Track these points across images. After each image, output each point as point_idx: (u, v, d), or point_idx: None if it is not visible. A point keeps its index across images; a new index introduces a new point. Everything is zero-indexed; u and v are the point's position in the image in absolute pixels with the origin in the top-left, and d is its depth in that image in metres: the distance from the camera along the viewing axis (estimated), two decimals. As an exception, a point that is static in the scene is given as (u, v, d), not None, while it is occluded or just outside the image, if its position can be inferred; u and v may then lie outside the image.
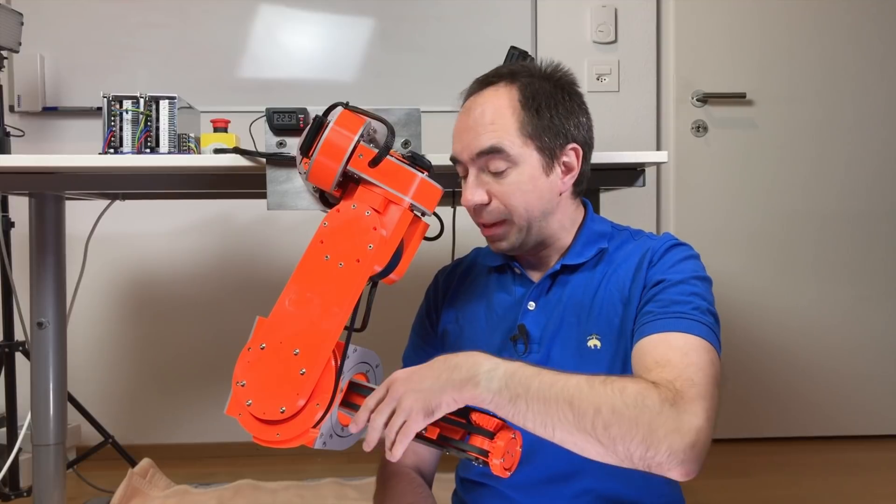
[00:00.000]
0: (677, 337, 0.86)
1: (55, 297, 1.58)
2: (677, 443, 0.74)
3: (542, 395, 0.77)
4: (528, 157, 0.98)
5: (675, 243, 1.01)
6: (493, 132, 0.97)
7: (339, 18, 2.42)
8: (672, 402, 0.76)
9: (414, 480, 1.06)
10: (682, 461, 0.74)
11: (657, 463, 0.74)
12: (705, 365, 0.83)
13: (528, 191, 0.98)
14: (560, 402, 0.76)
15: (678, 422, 0.75)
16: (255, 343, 0.79)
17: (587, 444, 0.76)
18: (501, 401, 0.77)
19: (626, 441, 0.74)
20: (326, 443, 0.80)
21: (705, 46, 2.49)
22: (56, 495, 1.59)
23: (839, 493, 2.05)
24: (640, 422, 0.74)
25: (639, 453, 0.74)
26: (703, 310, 0.90)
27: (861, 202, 2.54)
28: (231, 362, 0.77)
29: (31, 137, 2.23)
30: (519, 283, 1.06)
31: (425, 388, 0.78)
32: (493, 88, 1.00)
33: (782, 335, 2.53)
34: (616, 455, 0.75)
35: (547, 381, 0.78)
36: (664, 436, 0.74)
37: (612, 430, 0.74)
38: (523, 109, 0.98)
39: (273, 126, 1.24)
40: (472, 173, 0.99)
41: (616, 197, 1.76)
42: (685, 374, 0.81)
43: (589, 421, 0.75)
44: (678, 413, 0.76)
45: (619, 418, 0.75)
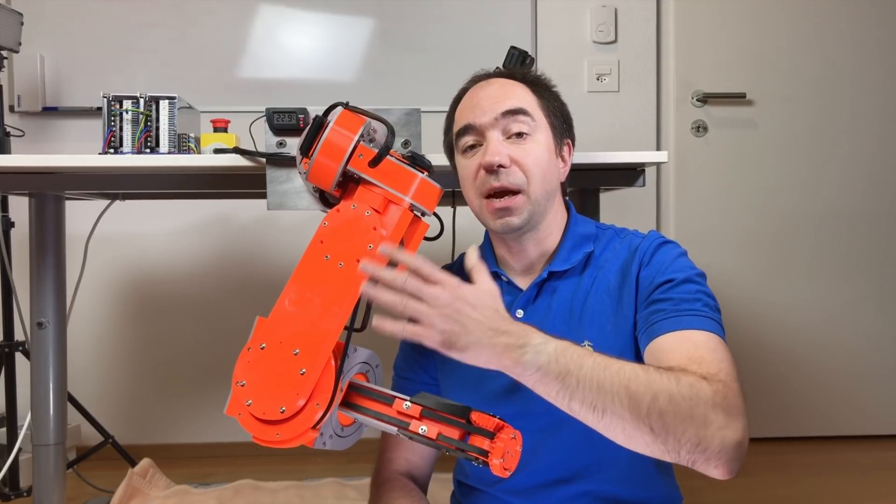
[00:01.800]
0: (698, 335, 0.86)
1: (55, 297, 1.58)
2: (729, 439, 0.73)
3: (595, 375, 0.74)
4: (545, 129, 1.02)
5: (664, 241, 1.01)
6: (517, 98, 1.01)
7: (339, 18, 2.42)
8: (723, 396, 0.76)
9: (406, 486, 1.06)
10: (730, 459, 0.74)
11: (706, 458, 0.73)
12: (732, 362, 0.84)
13: (545, 161, 1.00)
14: (616, 385, 0.73)
15: (729, 418, 0.75)
16: (254, 343, 0.79)
17: (637, 431, 0.73)
18: (549, 375, 0.74)
19: (679, 432, 0.72)
20: (326, 443, 0.80)
21: (705, 46, 2.49)
22: (56, 495, 1.59)
23: (839, 493, 2.05)
24: (696, 414, 0.73)
25: (689, 445, 0.73)
26: (713, 307, 0.91)
27: (861, 202, 2.54)
28: (231, 362, 0.77)
29: (31, 137, 2.23)
30: (506, 291, 1.05)
31: (467, 331, 0.75)
32: (500, 78, 1.05)
33: (782, 335, 2.53)
34: (665, 445, 0.73)
35: (601, 362, 0.75)
36: (717, 430, 0.73)
37: (667, 418, 0.72)
38: (535, 95, 1.04)
39: (273, 126, 1.24)
40: (493, 135, 0.99)
41: (616, 197, 1.76)
42: (722, 368, 0.81)
43: (645, 407, 0.73)
44: (729, 409, 0.75)
45: (676, 408, 0.73)
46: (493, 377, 1.00)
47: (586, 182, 1.48)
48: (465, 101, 1.05)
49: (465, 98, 1.05)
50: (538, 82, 1.06)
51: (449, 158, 1.11)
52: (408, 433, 0.78)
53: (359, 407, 0.81)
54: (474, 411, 0.78)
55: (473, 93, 1.04)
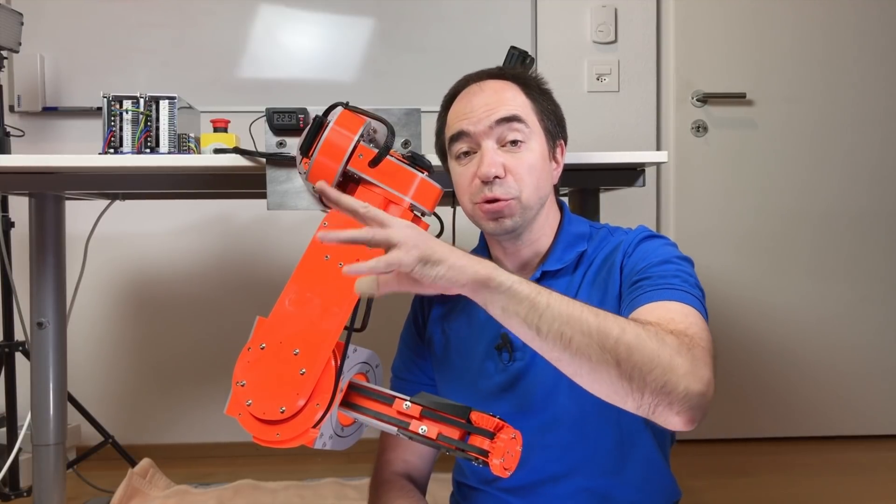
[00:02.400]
0: (673, 304, 0.86)
1: (55, 297, 1.58)
2: (694, 385, 0.73)
3: (564, 303, 0.73)
4: (539, 135, 1.01)
5: (650, 234, 1.01)
6: (511, 105, 0.99)
7: (339, 18, 2.42)
8: (689, 347, 0.76)
9: (405, 487, 1.07)
10: (692, 406, 0.73)
11: (669, 401, 0.72)
12: (705, 328, 0.83)
13: (537, 170, 0.99)
14: (585, 314, 0.73)
15: (694, 366, 0.74)
16: (255, 343, 0.79)
17: (603, 364, 0.72)
18: (517, 295, 0.72)
19: (646, 371, 0.71)
20: (326, 443, 0.80)
21: (705, 46, 2.49)
22: (56, 495, 1.59)
23: (839, 493, 2.05)
24: (662, 355, 0.72)
25: (654, 386, 0.71)
26: (692, 283, 0.90)
27: (861, 202, 2.54)
28: (231, 362, 0.77)
29: (31, 137, 2.23)
30: None
31: (439, 244, 0.73)
32: (492, 79, 1.04)
33: (782, 334, 2.53)
34: (630, 382, 0.72)
35: (567, 298, 0.75)
36: (682, 375, 0.72)
37: (634, 356, 0.71)
38: (528, 98, 1.02)
39: (273, 126, 1.25)
40: (488, 145, 0.98)
41: (616, 197, 1.76)
42: (691, 329, 0.80)
43: (612, 339, 0.72)
44: (694, 358, 0.75)
45: (643, 346, 0.72)
46: (489, 376, 1.01)
47: (586, 182, 1.48)
48: (458, 105, 1.03)
49: (458, 102, 1.03)
50: (531, 83, 1.05)
51: (441, 161, 1.10)
52: (408, 433, 0.78)
53: (359, 407, 0.81)
54: (474, 411, 0.78)
55: (467, 97, 1.02)
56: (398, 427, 0.79)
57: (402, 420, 0.79)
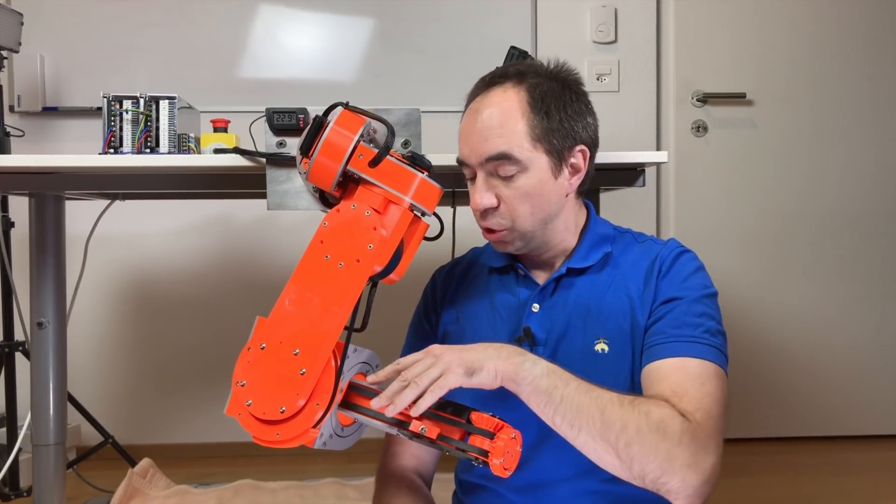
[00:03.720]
0: (692, 364, 0.89)
1: (55, 297, 1.58)
2: (691, 478, 0.79)
3: (577, 397, 0.80)
4: (536, 160, 0.96)
5: (683, 250, 1.02)
6: (501, 137, 0.95)
7: (339, 18, 2.42)
8: (692, 435, 0.80)
9: (412, 482, 1.06)
10: (690, 495, 0.79)
11: (667, 490, 0.79)
12: (720, 394, 0.88)
13: (535, 195, 0.97)
14: (592, 409, 0.80)
15: (695, 457, 0.79)
16: (255, 343, 0.79)
17: (606, 454, 0.80)
18: (539, 387, 0.81)
19: (643, 463, 0.78)
20: (326, 443, 0.80)
21: (705, 46, 2.49)
22: (56, 495, 1.59)
23: (839, 493, 2.05)
24: (660, 448, 0.78)
25: (652, 476, 0.79)
26: (713, 331, 0.92)
27: (860, 202, 2.54)
28: (231, 362, 0.77)
29: (31, 137, 2.23)
30: (523, 284, 1.05)
31: (473, 350, 0.82)
32: (500, 89, 0.98)
33: (782, 335, 2.53)
34: (630, 472, 0.79)
35: (584, 386, 0.82)
36: (679, 468, 0.78)
37: (633, 448, 0.78)
38: (532, 112, 0.96)
39: (273, 126, 1.24)
40: (480, 177, 0.98)
41: (616, 197, 1.76)
42: (703, 405, 0.84)
43: (614, 434, 0.79)
44: (696, 448, 0.80)
45: (642, 440, 0.79)
46: None
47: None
48: (464, 120, 1.01)
49: (465, 117, 1.01)
50: (536, 93, 0.97)
51: None
52: (408, 433, 0.78)
53: (359, 407, 0.81)
54: (474, 411, 0.78)
55: (470, 115, 0.99)
56: (398, 427, 0.79)
57: (402, 420, 0.79)
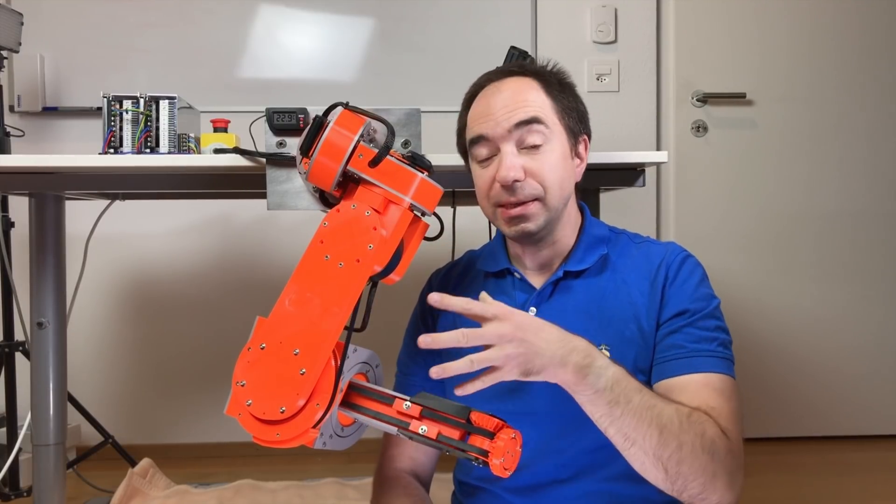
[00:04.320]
0: (715, 379, 0.92)
1: (55, 297, 1.58)
2: (727, 497, 0.85)
3: (638, 413, 0.81)
4: (559, 134, 1.00)
5: (686, 255, 1.02)
6: (530, 105, 0.98)
7: (339, 18, 2.42)
8: (733, 457, 0.86)
9: (410, 485, 1.06)
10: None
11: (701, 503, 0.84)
12: (740, 411, 0.92)
13: (560, 168, 0.99)
14: (652, 426, 0.81)
15: (732, 478, 0.85)
16: (255, 343, 0.79)
17: (654, 468, 0.82)
18: (600, 400, 0.81)
19: (689, 480, 0.82)
20: (326, 443, 0.80)
21: (705, 46, 2.49)
22: (56, 495, 1.59)
23: (839, 493, 2.05)
24: (708, 469, 0.83)
25: (692, 492, 0.83)
26: (727, 344, 0.96)
27: (861, 202, 2.54)
28: (231, 362, 0.77)
29: (31, 137, 2.23)
30: (520, 288, 1.05)
31: (540, 352, 0.79)
32: (512, 77, 1.02)
33: (783, 335, 2.53)
34: (672, 485, 0.83)
35: (645, 401, 0.82)
36: (720, 487, 0.84)
37: (684, 467, 0.81)
38: (548, 93, 1.01)
39: (273, 126, 1.24)
40: (507, 148, 0.97)
41: (616, 197, 1.76)
42: (734, 423, 0.89)
43: (668, 452, 0.81)
44: (734, 468, 0.86)
45: (694, 460, 0.82)
46: None
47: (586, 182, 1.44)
48: (477, 105, 1.02)
49: (478, 102, 1.02)
50: (551, 79, 1.03)
51: (463, 160, 1.09)
52: (408, 433, 0.78)
53: (359, 407, 0.81)
54: (474, 411, 0.78)
55: (485, 98, 1.01)
56: (398, 427, 0.79)
57: (402, 420, 0.79)
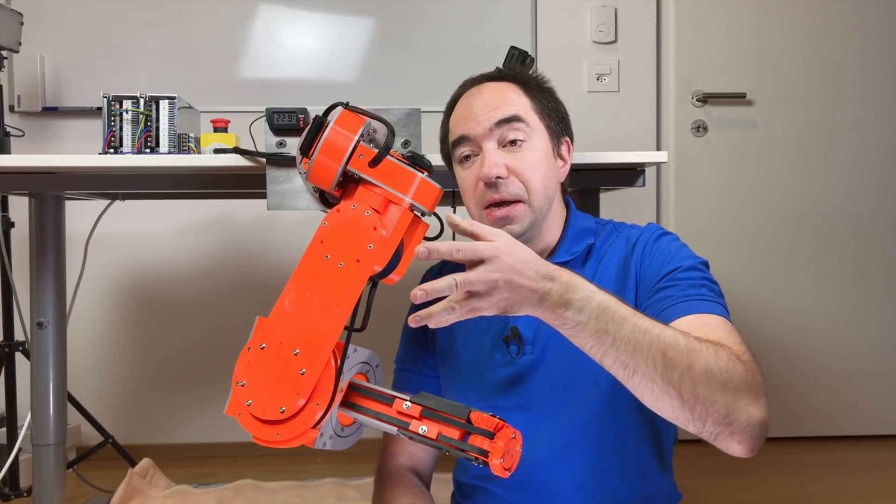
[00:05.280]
0: (712, 318, 0.87)
1: (55, 297, 1.58)
2: (756, 415, 0.74)
3: (633, 338, 0.73)
4: (541, 133, 1.02)
5: (663, 232, 1.02)
6: (510, 105, 1.00)
7: (339, 18, 2.42)
8: (753, 375, 0.77)
9: (411, 482, 1.06)
10: (754, 436, 0.75)
11: (731, 431, 0.74)
12: (747, 347, 0.84)
13: (543, 166, 1.00)
14: (653, 350, 0.73)
15: (757, 396, 0.76)
16: (254, 343, 0.79)
17: (666, 395, 0.73)
18: (585, 332, 0.74)
19: (710, 402, 0.73)
20: (326, 443, 0.80)
21: (705, 46, 2.49)
22: (56, 495, 1.59)
23: (839, 493, 2.05)
24: (729, 387, 0.73)
25: (716, 417, 0.73)
26: (718, 293, 0.92)
27: (861, 202, 2.54)
28: (231, 362, 0.77)
29: (31, 137, 2.23)
30: None
31: (519, 287, 0.73)
32: (492, 81, 1.04)
33: (782, 334, 2.53)
34: (692, 412, 0.73)
35: (641, 325, 0.74)
36: (745, 405, 0.74)
37: (700, 388, 0.72)
38: (529, 95, 1.03)
39: (273, 126, 1.24)
40: (488, 146, 0.99)
41: (616, 197, 1.76)
42: (746, 351, 0.81)
43: (678, 374, 0.72)
44: (756, 388, 0.76)
45: (710, 379, 0.73)
46: (496, 367, 1.01)
47: (586, 182, 1.48)
48: (458, 109, 1.04)
49: (459, 106, 1.05)
50: (531, 83, 1.05)
51: (447, 166, 1.11)
52: (408, 433, 0.78)
53: (359, 407, 0.81)
54: (474, 411, 0.78)
55: (466, 101, 1.03)
56: (398, 427, 0.79)
57: (402, 420, 0.79)
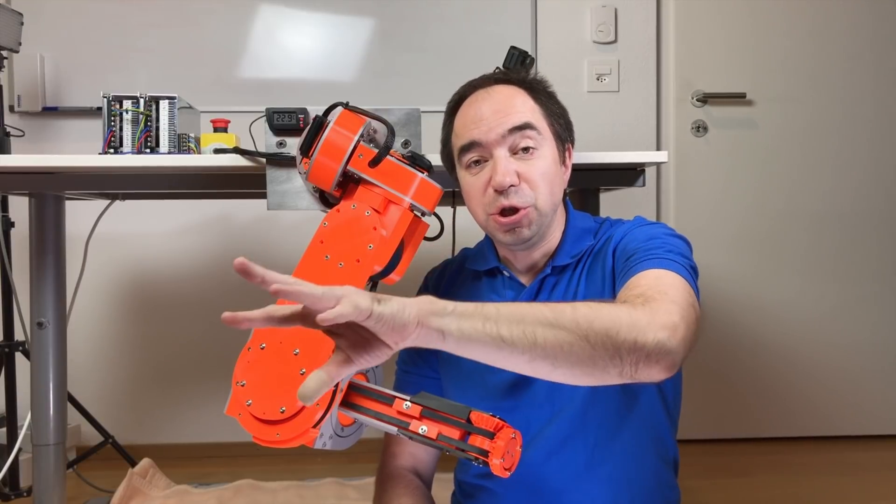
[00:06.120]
0: (651, 271, 0.86)
1: (55, 297, 1.57)
2: (661, 333, 0.72)
3: (513, 305, 0.71)
4: (550, 140, 1.01)
5: (646, 222, 1.02)
6: (521, 111, 0.99)
7: (339, 18, 2.42)
8: (644, 301, 0.77)
9: (412, 482, 1.06)
10: (669, 351, 0.72)
11: (646, 355, 0.71)
12: (676, 285, 0.82)
13: (550, 175, 1.00)
14: (535, 309, 0.71)
15: (655, 315, 0.74)
16: (255, 343, 0.79)
17: (574, 346, 0.70)
18: (465, 309, 0.69)
19: (612, 334, 0.70)
20: (326, 443, 0.80)
21: (705, 46, 2.49)
22: (56, 495, 1.59)
23: (839, 493, 2.05)
24: (622, 316, 0.72)
25: (626, 347, 0.71)
26: (676, 252, 0.90)
27: (860, 202, 2.54)
28: (231, 362, 0.77)
29: (31, 137, 2.23)
30: (509, 286, 1.06)
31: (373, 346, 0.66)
32: (500, 85, 1.03)
33: (781, 334, 2.53)
34: (604, 351, 0.70)
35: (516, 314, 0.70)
36: (647, 325, 0.72)
37: (596, 324, 0.70)
38: (536, 100, 1.02)
39: (273, 126, 1.24)
40: (500, 154, 0.97)
41: (616, 197, 1.76)
42: (655, 289, 0.80)
43: (568, 316, 0.70)
44: (654, 310, 0.75)
45: (600, 315, 0.71)
46: (496, 373, 1.01)
47: (586, 182, 1.48)
48: (466, 112, 1.02)
49: (466, 109, 1.02)
50: (538, 88, 1.04)
51: (448, 169, 1.09)
52: (408, 433, 0.78)
53: (359, 407, 0.81)
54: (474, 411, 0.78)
55: (475, 104, 1.01)
56: (398, 427, 0.79)
57: (402, 420, 0.79)
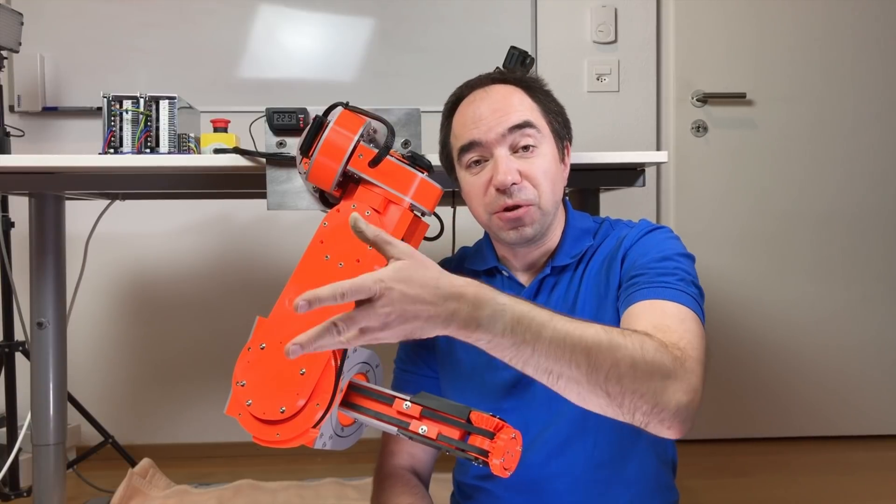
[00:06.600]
0: (669, 305, 0.87)
1: (55, 297, 1.57)
2: (683, 401, 0.76)
3: (554, 344, 0.72)
4: (549, 138, 1.02)
5: (653, 228, 1.02)
6: (520, 110, 0.99)
7: (339, 18, 2.42)
8: (681, 362, 0.78)
9: (410, 482, 1.06)
10: (683, 419, 0.76)
11: (660, 419, 0.75)
12: (699, 333, 0.85)
13: (551, 173, 1.00)
14: (576, 353, 0.72)
15: (686, 381, 0.77)
16: (255, 343, 0.79)
17: (592, 395, 0.73)
18: (503, 344, 0.71)
19: (636, 396, 0.73)
20: (326, 443, 0.80)
21: (705, 46, 2.49)
22: (56, 495, 1.59)
23: (838, 493, 2.05)
24: (654, 378, 0.74)
25: (645, 408, 0.74)
26: (688, 282, 0.91)
27: (860, 202, 2.54)
28: (231, 362, 0.77)
29: (31, 137, 2.23)
30: (508, 286, 1.06)
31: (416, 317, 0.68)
32: (497, 84, 1.03)
33: (782, 335, 2.53)
34: (620, 408, 0.74)
35: (561, 329, 0.72)
36: (672, 394, 0.75)
37: (625, 382, 0.73)
38: (534, 98, 1.02)
39: (273, 126, 1.24)
40: (501, 153, 0.98)
41: (616, 197, 1.76)
42: (685, 337, 0.82)
43: (603, 374, 0.72)
44: (685, 372, 0.77)
45: (635, 372, 0.73)
46: (495, 371, 1.01)
47: (586, 182, 1.48)
48: (464, 112, 1.02)
49: (465, 109, 1.02)
50: (535, 85, 1.04)
51: (447, 170, 1.09)
52: (408, 433, 0.78)
53: (359, 407, 0.81)
54: (474, 411, 0.78)
55: (473, 104, 1.01)
56: (398, 427, 0.79)
57: (402, 420, 0.79)
